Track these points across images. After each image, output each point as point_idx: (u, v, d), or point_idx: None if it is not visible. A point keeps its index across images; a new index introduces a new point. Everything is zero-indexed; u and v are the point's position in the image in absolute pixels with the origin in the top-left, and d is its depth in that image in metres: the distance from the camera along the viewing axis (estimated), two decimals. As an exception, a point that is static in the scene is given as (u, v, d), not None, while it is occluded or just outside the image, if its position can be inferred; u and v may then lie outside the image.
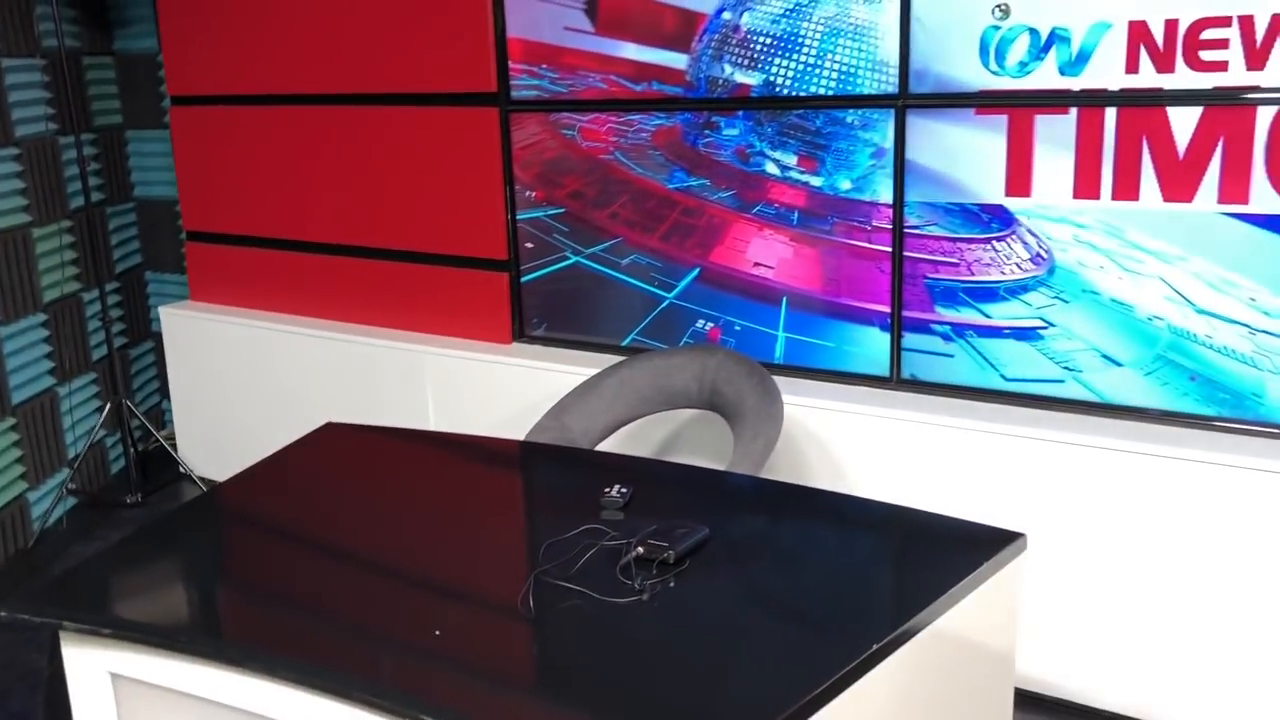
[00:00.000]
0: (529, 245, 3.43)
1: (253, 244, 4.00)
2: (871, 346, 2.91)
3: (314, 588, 1.82)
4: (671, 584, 1.67)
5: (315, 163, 3.77)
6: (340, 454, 2.40)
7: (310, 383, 3.80)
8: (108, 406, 4.00)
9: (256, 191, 3.94)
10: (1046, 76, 2.55)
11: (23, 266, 3.74)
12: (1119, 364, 2.59)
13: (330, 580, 1.85)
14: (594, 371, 2.92)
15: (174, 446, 4.17)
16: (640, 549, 1.71)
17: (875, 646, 1.48)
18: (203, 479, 4.06)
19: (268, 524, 2.11)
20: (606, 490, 1.95)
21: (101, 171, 4.23)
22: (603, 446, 2.78)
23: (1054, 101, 2.55)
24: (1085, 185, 2.55)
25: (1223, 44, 2.34)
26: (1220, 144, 2.38)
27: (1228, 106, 2.36)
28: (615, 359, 3.02)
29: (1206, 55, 2.36)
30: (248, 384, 3.98)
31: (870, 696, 1.47)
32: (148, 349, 4.49)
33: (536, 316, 3.48)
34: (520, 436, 2.78)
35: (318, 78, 3.68)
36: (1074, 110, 2.53)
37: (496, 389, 3.40)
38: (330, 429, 2.47)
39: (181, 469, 4.10)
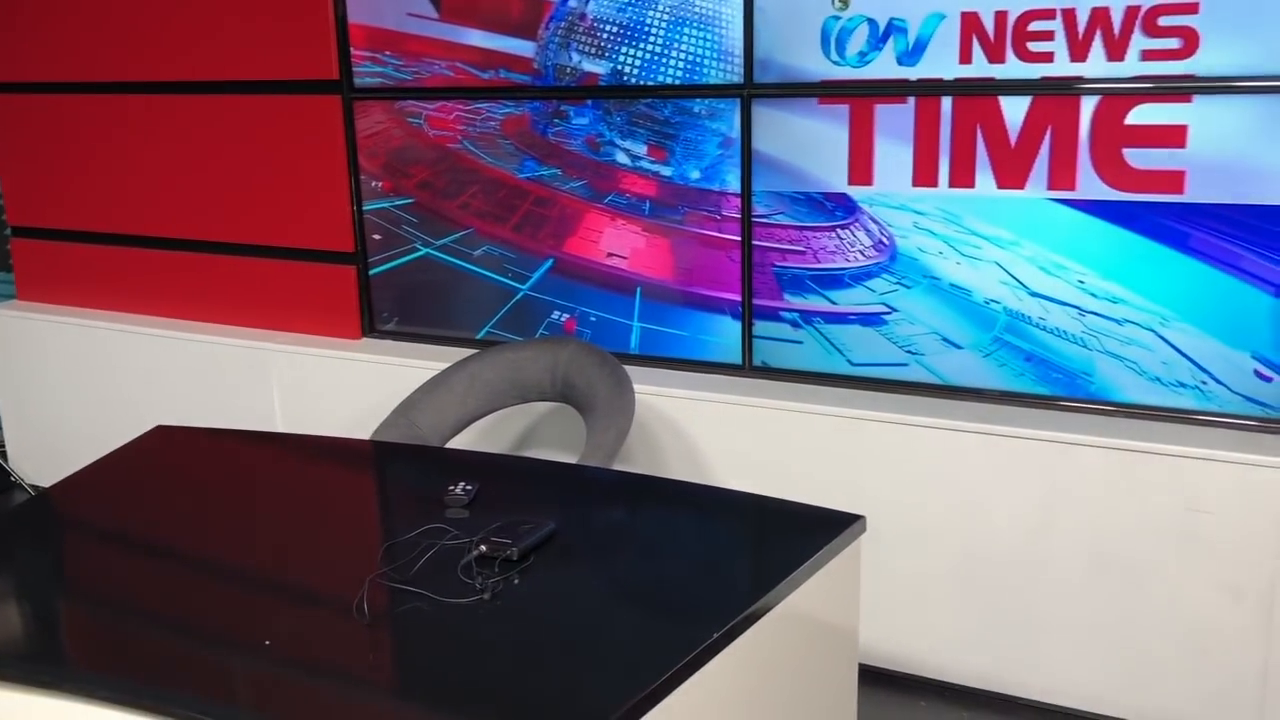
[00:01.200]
0: (377, 237, 3.34)
1: (84, 239, 3.80)
2: (724, 335, 2.92)
3: (144, 598, 1.73)
4: (516, 581, 1.64)
5: (150, 154, 3.59)
6: (173, 457, 2.29)
7: (149, 385, 3.63)
8: (-73, 415, 3.75)
9: (87, 184, 3.74)
10: (885, 66, 2.60)
11: None
12: (959, 347, 2.66)
13: (158, 587, 1.76)
14: (447, 365, 2.86)
15: (3, 454, 3.93)
16: (483, 547, 1.68)
17: (720, 631, 1.48)
18: (34, 487, 3.84)
19: (94, 532, 2.00)
20: (450, 488, 1.91)
21: (-86, 164, 3.95)
22: (454, 443, 2.73)
23: (892, 91, 2.60)
24: (924, 173, 2.61)
25: (1048, 35, 2.42)
26: (1049, 132, 2.47)
27: (1054, 95, 2.44)
28: (469, 353, 2.97)
29: (1034, 46, 2.44)
30: (82, 387, 3.77)
31: (719, 678, 1.47)
32: (-28, 352, 4.22)
33: (386, 311, 3.39)
34: (369, 435, 2.71)
35: (150, 64, 3.51)
36: (912, 100, 2.58)
37: (346, 386, 3.30)
38: (161, 431, 2.36)
39: (11, 478, 3.87)
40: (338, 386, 3.32)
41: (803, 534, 1.76)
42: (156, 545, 1.91)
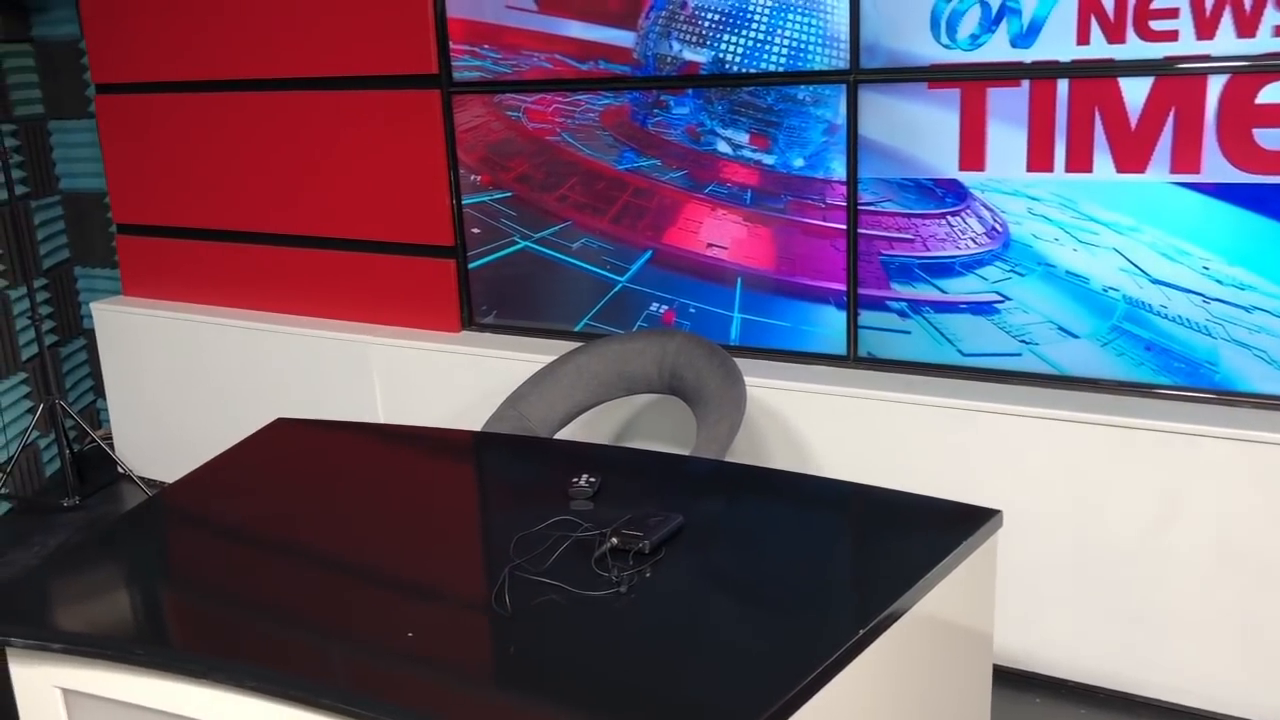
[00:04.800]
0: (475, 231, 3.36)
1: (187, 236, 3.88)
2: (828, 325, 2.89)
3: (275, 591, 1.75)
4: (648, 575, 1.63)
5: (250, 150, 3.65)
6: (293, 450, 2.32)
7: (251, 377, 3.69)
8: (40, 407, 3.85)
9: (189, 181, 3.81)
10: (998, 49, 2.54)
11: (-56, 265, 3.58)
12: (1076, 336, 2.60)
13: (292, 582, 1.78)
14: (546, 359, 2.87)
15: (111, 446, 4.04)
16: (614, 540, 1.67)
17: (860, 633, 1.45)
18: (143, 479, 3.93)
19: (220, 526, 2.03)
20: (574, 480, 1.91)
21: (24, 164, 4.06)
22: (561, 435, 2.73)
23: (1006, 74, 2.54)
24: (1038, 158, 2.55)
25: (1173, 13, 2.34)
26: (1171, 114, 2.39)
27: (1178, 76, 2.37)
28: (567, 345, 2.97)
29: (1157, 25, 2.37)
30: (186, 380, 3.86)
31: (855, 682, 1.45)
32: (79, 346, 4.34)
33: (485, 304, 3.41)
34: (471, 427, 2.72)
35: (250, 62, 3.57)
36: (1026, 83, 2.52)
37: (445, 379, 3.33)
38: (281, 424, 2.39)
39: (120, 469, 3.97)
40: (437, 379, 3.34)
41: (939, 529, 1.72)
42: (288, 540, 1.94)
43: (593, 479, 1.91)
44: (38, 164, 4.13)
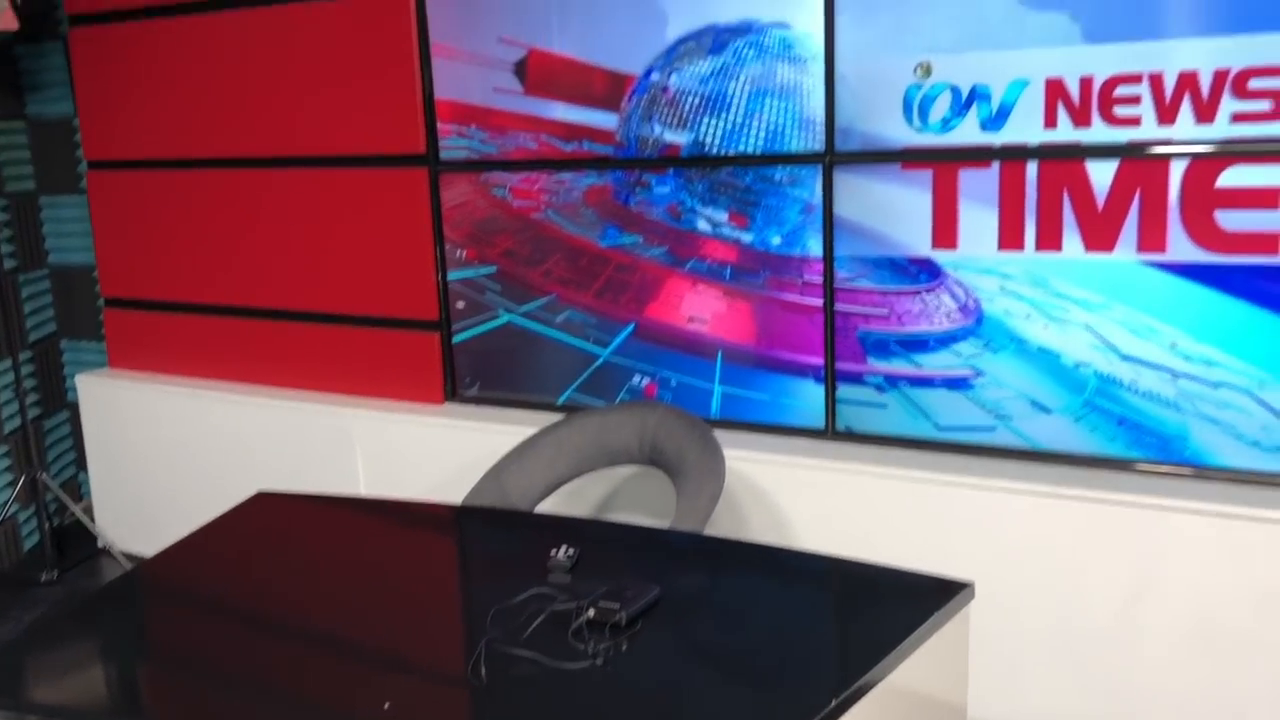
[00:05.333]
0: (460, 304, 3.41)
1: (174, 309, 3.91)
2: (807, 399, 2.93)
3: (253, 664, 1.75)
4: (624, 647, 1.65)
5: (239, 226, 3.70)
6: (274, 524, 2.33)
7: (235, 450, 3.70)
8: (21, 480, 3.84)
9: (178, 256, 3.86)
10: (969, 132, 2.62)
11: (-70, 337, 3.61)
12: (1048, 411, 2.64)
13: (270, 656, 1.78)
14: (529, 431, 2.89)
15: (92, 519, 4.02)
16: (591, 612, 1.69)
17: (833, 704, 1.47)
18: (124, 553, 3.91)
19: (199, 599, 2.03)
20: (553, 552, 1.93)
21: (13, 238, 4.10)
22: (541, 507, 2.75)
23: (976, 156, 2.62)
24: (1009, 237, 2.61)
25: (1135, 100, 2.43)
26: (1137, 196, 2.46)
27: (1142, 160, 2.45)
28: (550, 418, 3.00)
29: (1120, 110, 2.45)
30: (169, 453, 3.86)
31: (830, 753, 1.46)
32: (63, 419, 4.34)
33: (469, 376, 3.45)
34: (453, 499, 2.74)
35: (241, 140, 3.64)
36: (996, 164, 2.60)
37: (429, 451, 3.34)
38: (262, 498, 2.40)
39: (100, 543, 3.95)
40: (420, 451, 3.36)
41: (912, 601, 1.75)
42: (266, 613, 1.94)
43: (571, 551, 1.93)
44: (28, 238, 4.18)
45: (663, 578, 1.84)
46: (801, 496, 2.83)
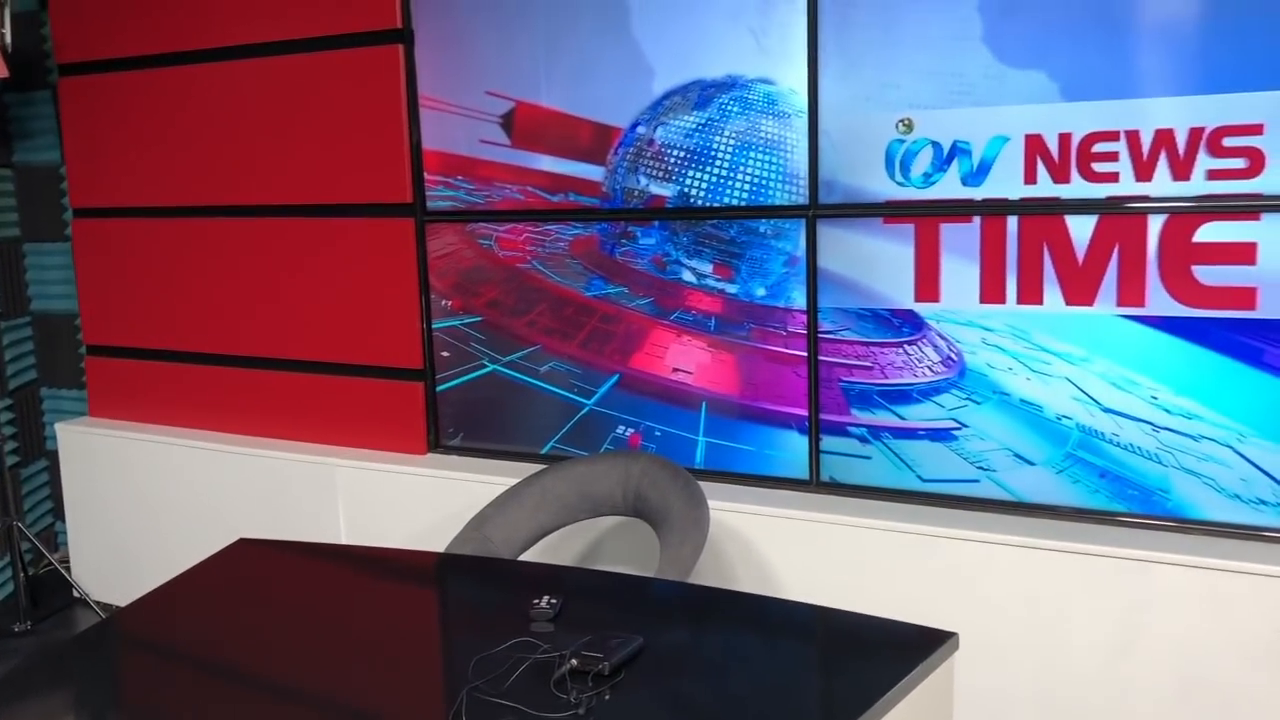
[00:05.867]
0: (445, 354, 3.41)
1: (157, 357, 3.90)
2: (791, 450, 2.93)
3: (230, 716, 1.72)
4: (607, 697, 1.63)
5: (224, 274, 3.71)
6: (253, 571, 2.31)
7: (216, 500, 3.67)
8: (-3, 529, 3.80)
9: (162, 304, 3.86)
10: (950, 187, 2.65)
11: (-91, 383, 3.58)
12: (1031, 463, 2.65)
13: (248, 707, 1.76)
14: (512, 481, 2.88)
15: (68, 570, 3.97)
16: (574, 661, 1.67)
17: (818, 754, 1.46)
18: (100, 603, 3.86)
19: (177, 649, 2.01)
20: (535, 602, 1.91)
21: (-3, 284, 4.10)
22: (525, 556, 2.73)
23: (958, 210, 2.65)
24: (991, 290, 2.64)
25: (1113, 156, 2.47)
26: (1116, 250, 2.50)
27: (1121, 215, 2.48)
28: (534, 467, 2.99)
29: (1099, 166, 2.49)
30: (149, 503, 3.83)
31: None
32: (42, 468, 4.30)
33: (453, 426, 3.44)
34: (435, 549, 2.72)
35: (228, 189, 3.65)
36: (977, 218, 2.63)
37: (411, 501, 3.33)
38: (242, 545, 2.38)
39: (76, 593, 3.90)
40: (402, 501, 3.34)
41: (897, 652, 1.74)
42: (244, 663, 1.92)
43: (554, 600, 1.91)
44: (11, 285, 4.17)
45: (646, 627, 1.82)
46: (786, 547, 2.82)
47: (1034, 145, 2.55)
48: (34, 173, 4.17)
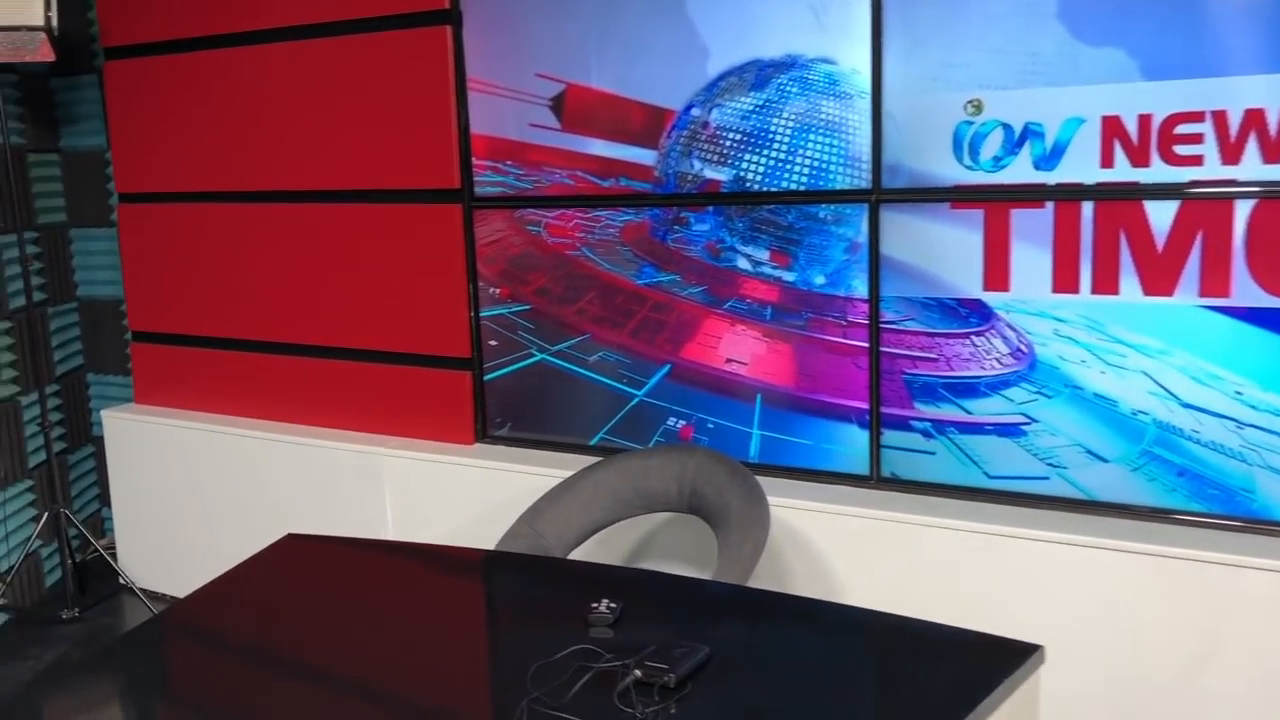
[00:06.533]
0: (493, 343, 3.34)
1: (202, 344, 3.86)
2: (850, 444, 2.83)
3: (279, 716, 1.66)
4: (673, 711, 1.55)
5: (269, 260, 3.66)
6: (301, 568, 2.25)
7: (261, 488, 3.63)
8: (45, 515, 3.79)
9: (207, 290, 3.82)
10: (1021, 171, 2.54)
11: (-43, 370, 3.57)
12: (1105, 460, 2.54)
13: (296, 707, 1.70)
14: (560, 472, 2.81)
15: (114, 556, 3.96)
16: (638, 672, 1.60)
17: (898, 776, 1.37)
18: (145, 590, 3.84)
19: (224, 646, 1.96)
20: (594, 605, 1.83)
21: (44, 271, 4.08)
22: (575, 553, 2.66)
23: (1030, 196, 2.53)
24: (1064, 279, 2.52)
25: (1197, 139, 2.35)
26: (1199, 237, 2.37)
27: (1204, 200, 2.36)
28: (582, 459, 2.92)
29: (1181, 150, 2.37)
30: (194, 490, 3.80)
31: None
32: (88, 454, 4.29)
33: (500, 416, 3.37)
34: (483, 540, 2.65)
35: (273, 174, 3.60)
36: (1050, 204, 2.52)
37: (459, 491, 3.27)
38: (289, 541, 2.33)
39: (122, 580, 3.88)
40: (450, 492, 3.28)
41: (976, 664, 1.64)
42: (293, 662, 1.86)
43: (613, 604, 1.84)
44: (57, 271, 4.15)
45: (710, 635, 1.74)
46: (844, 545, 2.73)
47: (1111, 127, 2.43)
48: (80, 158, 4.15)
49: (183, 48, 3.70)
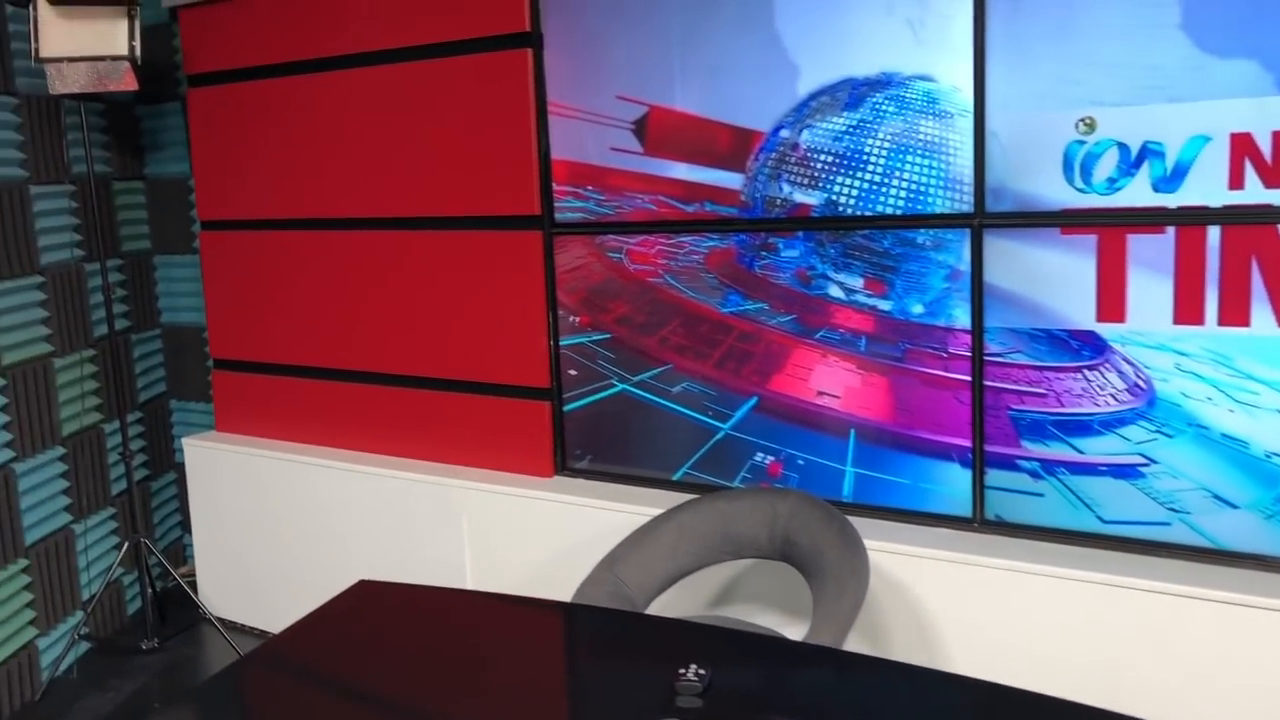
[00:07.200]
0: (572, 372, 3.23)
1: (283, 372, 3.83)
2: (951, 484, 2.66)
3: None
4: (769, 798, 1.41)
5: (350, 288, 3.61)
6: (375, 617, 2.16)
7: (339, 518, 3.58)
8: (126, 544, 3.78)
9: (288, 318, 3.78)
10: (1139, 193, 2.35)
11: (43, 399, 3.57)
12: (1234, 506, 2.33)
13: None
14: (641, 508, 2.70)
15: (193, 587, 3.93)
16: (730, 753, 1.46)
17: None
18: (222, 620, 3.81)
19: (298, 701, 1.86)
20: (681, 672, 1.70)
21: (128, 298, 4.09)
22: (658, 599, 2.53)
23: (1149, 220, 2.35)
24: (1187, 310, 2.33)
25: (1340, 157, 2.15)
26: (1342, 265, 2.17)
27: (1348, 224, 2.16)
28: (664, 494, 2.80)
29: (1321, 170, 2.17)
30: (271, 519, 3.76)
31: None
32: (169, 481, 4.29)
33: (580, 448, 3.26)
34: (561, 582, 2.54)
35: (353, 201, 3.55)
36: (1171, 229, 2.33)
37: (537, 525, 3.16)
38: (363, 587, 2.24)
39: (201, 611, 3.86)
40: (527, 526, 3.18)
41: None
42: (366, 716, 1.76)
43: (701, 670, 1.70)
44: (141, 298, 4.16)
45: (809, 709, 1.60)
46: (945, 591, 2.56)
47: (1241, 145, 2.24)
48: (165, 185, 4.16)
49: (264, 74, 3.67)
